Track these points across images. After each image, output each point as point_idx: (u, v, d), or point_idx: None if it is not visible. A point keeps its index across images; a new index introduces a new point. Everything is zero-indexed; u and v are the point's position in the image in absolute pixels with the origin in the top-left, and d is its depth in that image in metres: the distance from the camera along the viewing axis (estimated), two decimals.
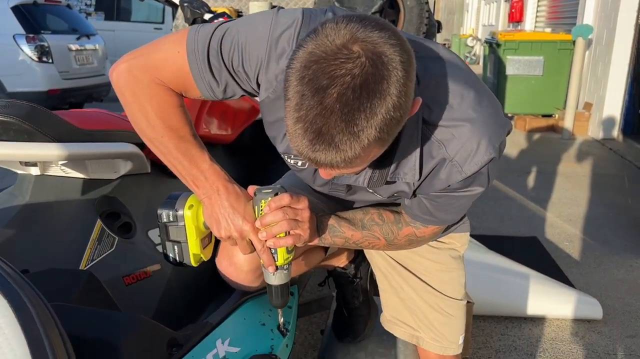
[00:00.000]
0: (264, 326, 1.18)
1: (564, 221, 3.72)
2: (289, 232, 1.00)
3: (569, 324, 2.46)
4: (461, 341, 1.34)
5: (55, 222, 1.31)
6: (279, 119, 1.03)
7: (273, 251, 1.03)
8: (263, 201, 1.01)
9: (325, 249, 1.39)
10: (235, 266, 1.17)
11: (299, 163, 1.11)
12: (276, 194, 1.01)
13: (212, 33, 0.96)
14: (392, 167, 0.97)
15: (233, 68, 0.97)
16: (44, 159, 1.27)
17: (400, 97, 0.74)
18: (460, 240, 1.35)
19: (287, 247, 1.03)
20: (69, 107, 6.94)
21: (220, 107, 2.08)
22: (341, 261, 1.55)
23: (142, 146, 1.53)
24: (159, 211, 1.09)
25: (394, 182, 1.01)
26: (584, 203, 4.08)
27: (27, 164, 1.34)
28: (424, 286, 1.32)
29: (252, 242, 1.04)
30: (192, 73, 0.98)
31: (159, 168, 1.69)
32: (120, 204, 1.46)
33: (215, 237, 1.10)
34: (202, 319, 1.18)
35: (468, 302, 2.08)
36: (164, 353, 1.06)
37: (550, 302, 2.46)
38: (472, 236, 2.98)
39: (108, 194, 1.44)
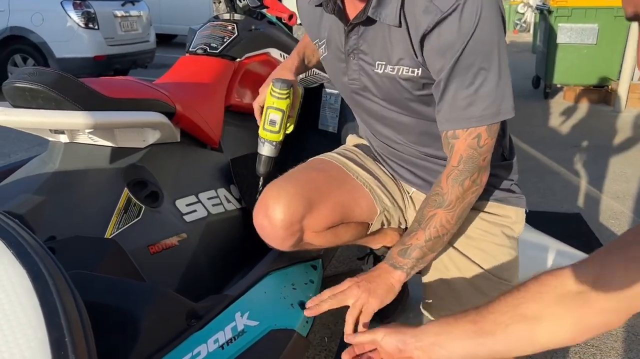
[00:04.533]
0: (285, 300, 1.17)
1: (610, 197, 3.57)
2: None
3: None
4: None
5: (83, 190, 1.32)
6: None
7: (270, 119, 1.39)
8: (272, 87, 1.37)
9: (366, 226, 1.38)
10: (270, 219, 1.20)
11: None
12: (287, 86, 1.37)
13: None
14: (373, 2, 1.06)
15: None
16: (70, 127, 1.28)
17: None
18: (515, 215, 1.28)
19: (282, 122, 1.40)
20: (114, 74, 7.07)
21: (252, 77, 2.06)
22: (387, 240, 1.51)
23: (170, 115, 1.52)
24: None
25: (374, 21, 1.10)
26: (634, 179, 3.91)
27: (57, 131, 1.35)
28: (471, 265, 1.25)
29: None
30: None
31: (189, 137, 1.69)
32: (147, 173, 1.46)
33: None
34: (226, 291, 1.18)
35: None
36: (183, 324, 1.06)
37: None
38: None
39: (136, 163, 1.44)
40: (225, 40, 1.98)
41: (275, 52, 2.18)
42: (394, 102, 1.20)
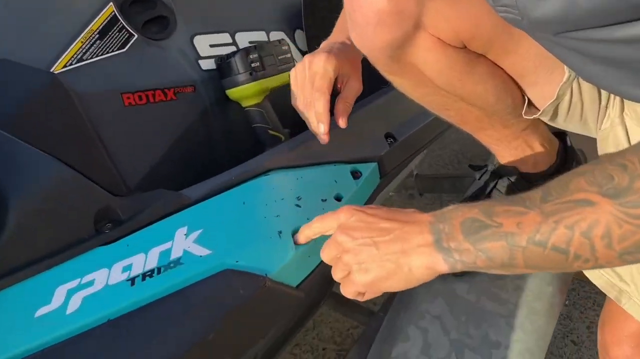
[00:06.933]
0: (271, 222, 0.70)
1: None
2: None
3: None
4: None
5: None
6: None
7: None
8: None
9: (518, 93, 0.81)
10: None
11: None
12: None
13: None
14: None
15: None
16: None
17: None
18: None
19: None
20: None
21: None
22: (529, 163, 0.92)
23: None
24: None
25: None
26: None
27: None
28: None
29: None
30: None
31: None
32: None
33: None
34: (188, 190, 0.74)
35: None
36: (88, 227, 0.65)
37: None
38: None
39: None
40: None
41: None
42: None
